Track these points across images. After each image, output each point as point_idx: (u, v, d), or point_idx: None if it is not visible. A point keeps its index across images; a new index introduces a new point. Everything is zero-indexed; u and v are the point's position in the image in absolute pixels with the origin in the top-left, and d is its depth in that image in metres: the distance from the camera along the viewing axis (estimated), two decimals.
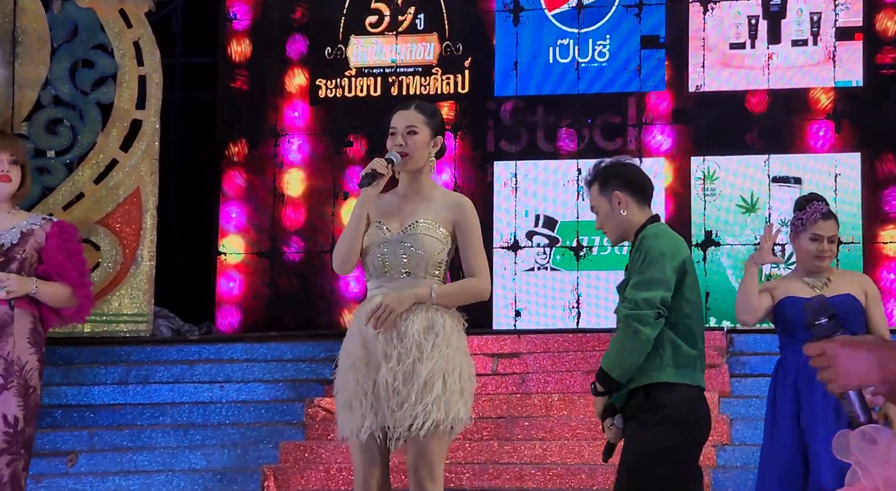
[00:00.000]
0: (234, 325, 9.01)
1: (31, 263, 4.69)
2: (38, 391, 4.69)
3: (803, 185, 8.49)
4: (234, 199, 9.18)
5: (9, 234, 4.70)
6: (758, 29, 8.66)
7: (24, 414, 4.58)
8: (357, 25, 9.15)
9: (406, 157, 4.20)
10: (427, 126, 4.24)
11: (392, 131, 4.23)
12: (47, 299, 4.67)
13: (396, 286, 4.17)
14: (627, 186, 4.27)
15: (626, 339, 4.12)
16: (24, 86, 8.80)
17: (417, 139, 4.21)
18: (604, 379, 4.15)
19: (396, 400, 4.08)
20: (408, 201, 4.25)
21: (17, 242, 4.68)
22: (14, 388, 4.57)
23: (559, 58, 8.90)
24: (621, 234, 4.28)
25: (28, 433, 4.61)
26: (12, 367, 4.59)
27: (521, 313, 8.73)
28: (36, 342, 4.67)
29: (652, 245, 4.18)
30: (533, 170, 8.87)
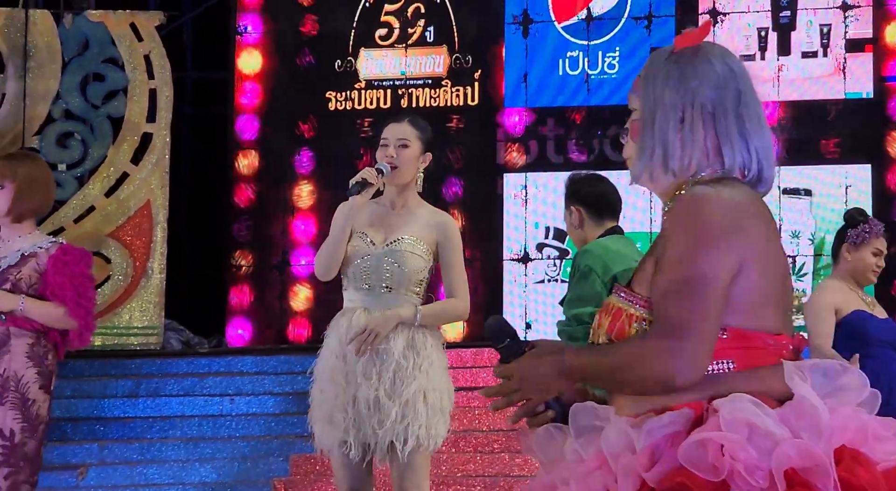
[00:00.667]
0: (244, 337, 9.02)
1: (30, 284, 4.67)
2: (43, 403, 4.66)
3: (813, 197, 8.48)
4: (244, 211, 9.19)
5: (11, 255, 4.71)
6: (767, 41, 8.66)
7: (21, 427, 4.58)
8: (367, 38, 9.17)
9: (395, 170, 4.24)
10: (419, 140, 4.28)
11: (384, 143, 4.28)
12: (38, 317, 4.66)
13: (377, 301, 4.19)
14: (583, 202, 4.39)
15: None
16: (36, 100, 8.83)
17: (408, 153, 4.25)
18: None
19: (378, 417, 4.12)
20: (393, 215, 4.29)
21: (14, 264, 4.68)
22: (9, 402, 4.58)
23: (569, 70, 8.91)
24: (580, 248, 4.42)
25: (29, 446, 4.60)
26: (8, 382, 4.60)
27: (531, 325, 8.72)
28: (35, 355, 4.66)
29: (581, 261, 4.28)
30: (543, 182, 8.87)
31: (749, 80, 2.22)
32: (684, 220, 2.11)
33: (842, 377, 2.11)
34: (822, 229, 8.46)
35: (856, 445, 2.04)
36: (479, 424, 7.24)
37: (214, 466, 7.17)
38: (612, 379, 2.14)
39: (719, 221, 2.09)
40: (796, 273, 8.46)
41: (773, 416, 2.03)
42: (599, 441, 2.11)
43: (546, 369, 2.16)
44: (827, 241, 8.43)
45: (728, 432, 2.01)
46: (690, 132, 2.18)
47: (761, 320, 2.13)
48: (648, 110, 2.20)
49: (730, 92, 2.19)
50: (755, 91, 2.23)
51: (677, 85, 2.18)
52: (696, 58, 2.20)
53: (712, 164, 2.19)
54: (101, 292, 8.64)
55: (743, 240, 2.11)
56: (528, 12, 8.97)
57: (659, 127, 2.19)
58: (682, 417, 2.07)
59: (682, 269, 2.08)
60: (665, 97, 2.18)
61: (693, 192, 2.15)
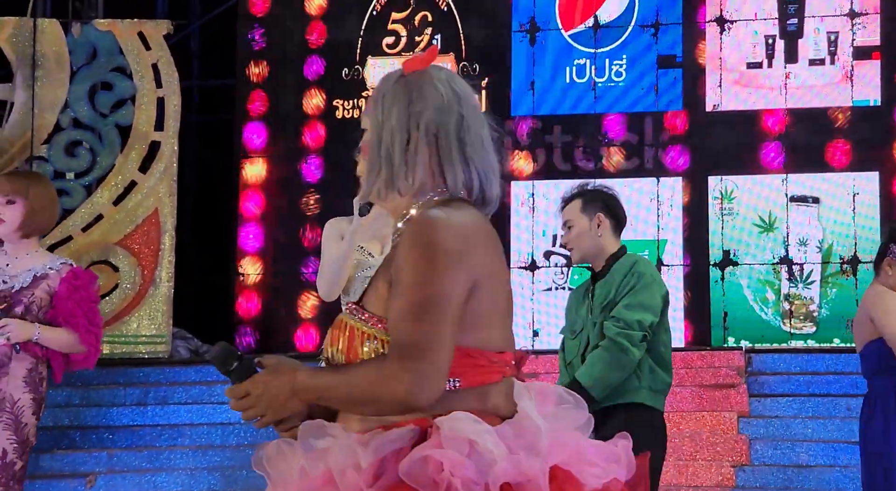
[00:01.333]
0: (252, 345, 9.03)
1: (41, 306, 4.69)
2: (33, 428, 4.71)
3: (821, 204, 8.48)
4: (251, 219, 9.21)
5: (23, 276, 4.71)
6: (775, 48, 8.67)
7: (14, 447, 4.62)
8: (374, 46, 9.18)
9: None
10: None
11: None
12: (51, 344, 4.68)
13: None
14: (609, 212, 4.45)
15: (614, 357, 4.21)
16: (44, 108, 8.85)
17: None
18: (581, 395, 4.18)
19: None
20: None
21: (27, 286, 4.69)
22: (3, 422, 4.62)
23: (576, 78, 8.92)
24: (587, 255, 4.43)
25: (18, 467, 4.65)
26: (3, 403, 4.63)
27: (538, 333, 8.72)
28: (32, 381, 4.69)
29: (645, 270, 4.36)
30: (550, 190, 8.87)
31: (473, 104, 2.33)
32: (418, 244, 2.16)
33: (564, 401, 2.22)
34: (830, 237, 8.45)
35: (569, 466, 2.12)
36: None
37: (223, 473, 7.17)
38: (349, 400, 2.18)
39: (451, 244, 2.15)
40: (804, 281, 8.46)
41: (493, 433, 2.10)
42: (327, 457, 2.15)
43: (279, 388, 2.21)
44: (835, 249, 8.43)
45: (448, 449, 2.07)
46: (415, 153, 2.26)
47: (487, 339, 2.21)
48: (376, 131, 2.30)
49: (453, 116, 2.28)
50: (479, 114, 2.33)
51: (404, 107, 2.27)
52: (422, 81, 2.29)
53: (438, 185, 2.27)
54: (108, 301, 8.65)
55: (473, 261, 2.18)
56: (536, 20, 8.99)
57: (385, 147, 2.27)
58: (407, 433, 2.13)
59: (417, 292, 2.14)
60: (392, 119, 2.27)
61: (424, 215, 2.21)
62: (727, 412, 7.14)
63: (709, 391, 7.31)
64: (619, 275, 4.34)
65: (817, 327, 8.37)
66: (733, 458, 6.85)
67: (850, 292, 8.32)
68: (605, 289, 4.36)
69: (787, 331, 8.37)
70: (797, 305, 8.39)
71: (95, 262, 8.69)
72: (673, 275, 8.61)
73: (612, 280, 4.36)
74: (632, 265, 4.34)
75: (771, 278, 8.47)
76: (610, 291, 4.33)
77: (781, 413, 7.24)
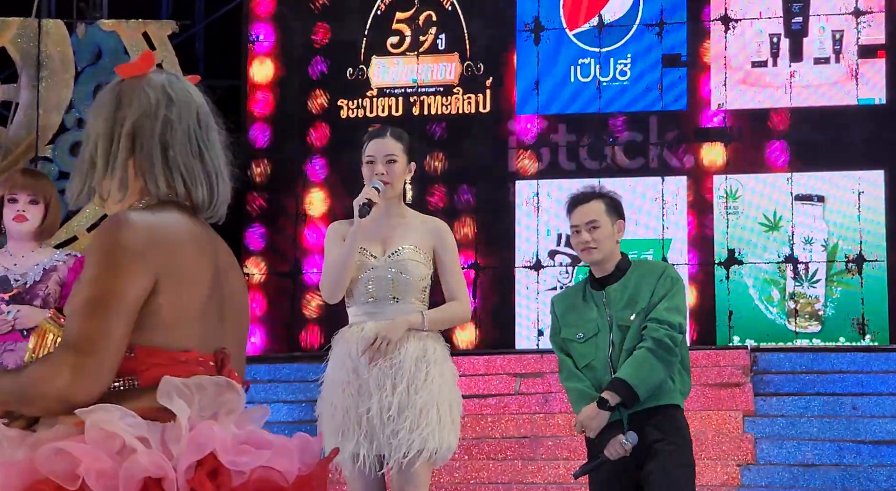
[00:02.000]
0: (256, 345, 9.03)
1: (56, 298, 4.74)
2: None
3: (826, 203, 8.46)
4: (256, 220, 9.21)
5: (33, 271, 4.76)
6: (780, 47, 8.65)
7: None
8: (378, 46, 9.19)
9: (388, 186, 4.27)
10: (404, 154, 4.37)
11: (370, 160, 4.33)
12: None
13: (386, 313, 4.23)
14: (623, 220, 4.49)
15: (659, 358, 4.25)
16: (49, 109, 8.87)
17: (397, 167, 4.34)
18: (627, 394, 4.23)
19: (392, 428, 4.16)
20: (386, 227, 4.32)
21: (39, 280, 4.73)
22: None
23: (580, 77, 8.91)
24: (607, 258, 4.42)
25: None
26: None
27: (543, 333, 8.72)
28: None
29: (677, 276, 4.43)
30: (554, 189, 8.87)
31: (191, 107, 2.35)
32: (99, 243, 2.20)
33: (225, 393, 2.23)
34: (835, 236, 8.44)
35: (218, 456, 2.14)
36: (491, 432, 7.24)
37: None
38: (21, 399, 2.18)
39: (132, 243, 2.18)
40: (809, 279, 8.45)
41: (140, 427, 2.11)
42: None
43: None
44: (840, 248, 8.41)
45: (88, 442, 2.09)
46: (115, 158, 2.30)
47: (173, 338, 2.22)
48: (87, 135, 2.34)
49: (158, 119, 2.31)
50: (197, 117, 2.35)
51: (111, 113, 2.31)
52: (134, 87, 2.33)
53: (143, 189, 2.30)
54: None
55: (156, 261, 2.19)
56: (540, 20, 8.98)
57: (90, 153, 2.32)
58: (64, 430, 2.13)
59: (92, 288, 2.16)
60: (98, 125, 2.32)
61: (114, 216, 2.24)
62: (732, 411, 7.13)
63: (714, 390, 7.30)
64: (651, 278, 4.36)
65: (823, 326, 8.36)
66: (739, 457, 6.84)
67: (855, 291, 8.31)
68: (625, 292, 4.37)
69: (792, 330, 8.36)
70: (802, 303, 8.38)
71: None
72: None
73: (636, 284, 4.36)
74: (663, 270, 4.42)
75: (776, 277, 8.46)
76: (635, 294, 4.34)
77: (787, 412, 7.24)
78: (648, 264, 4.54)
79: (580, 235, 4.39)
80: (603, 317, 4.35)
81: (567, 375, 4.39)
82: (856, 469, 6.69)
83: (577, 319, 4.41)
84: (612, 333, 4.32)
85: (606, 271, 4.40)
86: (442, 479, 6.83)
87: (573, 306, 4.44)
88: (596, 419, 4.25)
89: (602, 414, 4.24)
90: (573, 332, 4.40)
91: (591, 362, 4.33)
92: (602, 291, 4.40)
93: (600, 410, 4.24)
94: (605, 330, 4.33)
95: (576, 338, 4.39)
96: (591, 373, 4.32)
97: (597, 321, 4.36)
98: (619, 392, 4.22)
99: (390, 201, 4.32)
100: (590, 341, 4.35)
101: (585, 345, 4.36)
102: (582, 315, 4.40)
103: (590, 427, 4.27)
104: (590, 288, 4.44)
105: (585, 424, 4.28)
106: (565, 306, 4.47)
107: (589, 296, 4.42)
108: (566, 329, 4.42)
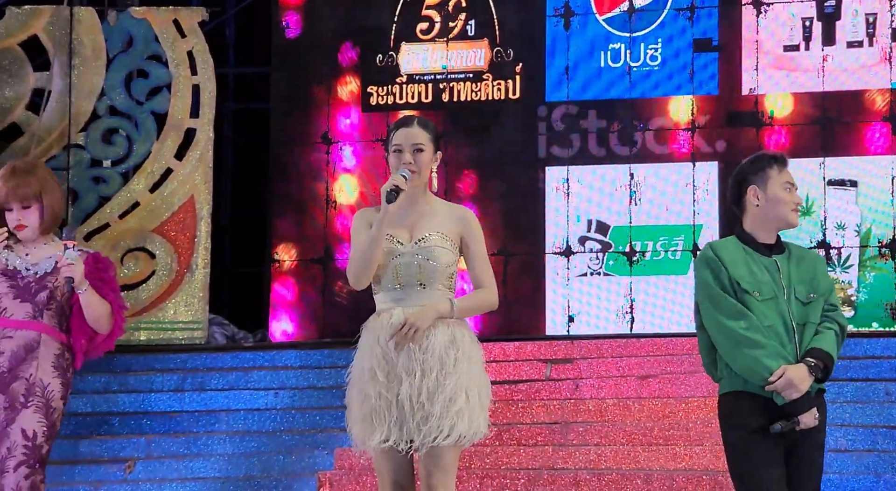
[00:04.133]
0: (287, 332, 9.06)
1: (63, 293, 4.79)
2: (61, 414, 4.79)
3: (859, 187, 8.40)
4: (286, 206, 9.23)
5: (44, 263, 4.82)
6: (812, 31, 8.59)
7: (43, 431, 4.70)
8: (408, 32, 9.18)
9: (415, 175, 4.30)
10: (431, 143, 4.38)
11: (397, 149, 4.34)
12: (90, 307, 4.75)
13: (413, 299, 4.24)
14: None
15: (840, 344, 4.30)
16: (81, 96, 8.91)
17: (424, 156, 4.35)
18: (828, 367, 4.23)
19: (422, 414, 4.17)
20: (413, 214, 4.34)
21: (50, 272, 4.78)
22: (34, 405, 4.70)
23: (611, 62, 8.88)
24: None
25: (45, 450, 4.73)
26: (34, 388, 4.70)
27: (574, 319, 8.71)
28: (60, 367, 4.77)
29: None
30: (585, 175, 8.85)
31: None
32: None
33: None
34: (868, 220, 8.39)
35: None
36: (522, 417, 7.24)
37: (260, 459, 7.21)
38: None
39: None
40: (841, 265, 8.40)
41: None
42: None
43: None
44: (873, 233, 8.35)
45: None
46: None
47: None
48: None
49: None
50: None
51: None
52: None
53: None
54: (145, 288, 8.71)
55: None
56: (570, 5, 8.95)
57: None
58: None
59: None
60: None
61: None
62: None
63: None
64: (822, 265, 4.41)
65: (855, 312, 8.31)
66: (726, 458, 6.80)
67: (888, 276, 8.25)
68: (800, 268, 4.32)
69: None
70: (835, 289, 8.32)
71: (132, 249, 8.76)
72: None
73: (809, 264, 4.35)
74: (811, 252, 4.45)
75: None
76: (812, 274, 4.32)
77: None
78: (806, 249, 4.51)
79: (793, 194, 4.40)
80: (778, 284, 4.25)
81: (751, 327, 4.18)
82: (889, 455, 6.65)
83: (748, 275, 4.26)
84: (791, 304, 4.24)
85: (772, 240, 4.34)
86: (473, 464, 6.84)
87: (741, 260, 4.28)
88: (805, 382, 4.15)
89: (810, 378, 4.16)
90: (749, 286, 4.25)
91: (772, 325, 4.20)
92: (770, 258, 4.30)
93: (809, 374, 4.16)
94: (782, 298, 4.23)
95: (752, 293, 4.24)
96: (774, 335, 4.20)
97: (772, 286, 4.24)
98: (826, 363, 4.20)
99: (416, 189, 4.34)
100: (768, 303, 4.22)
101: (764, 305, 4.22)
102: (754, 274, 4.26)
103: (796, 388, 4.13)
104: (752, 250, 4.31)
105: (795, 383, 4.12)
106: (731, 256, 4.29)
107: (755, 257, 4.30)
108: (742, 281, 4.26)
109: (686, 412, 7.08)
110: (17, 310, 4.74)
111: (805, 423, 4.18)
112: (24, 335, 4.74)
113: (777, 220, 4.35)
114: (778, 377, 4.13)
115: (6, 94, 8.93)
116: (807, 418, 4.18)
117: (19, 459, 4.65)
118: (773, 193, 4.35)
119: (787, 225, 4.37)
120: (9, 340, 4.73)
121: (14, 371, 4.71)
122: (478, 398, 4.23)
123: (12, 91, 8.94)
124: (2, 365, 4.72)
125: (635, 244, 8.70)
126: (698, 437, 6.82)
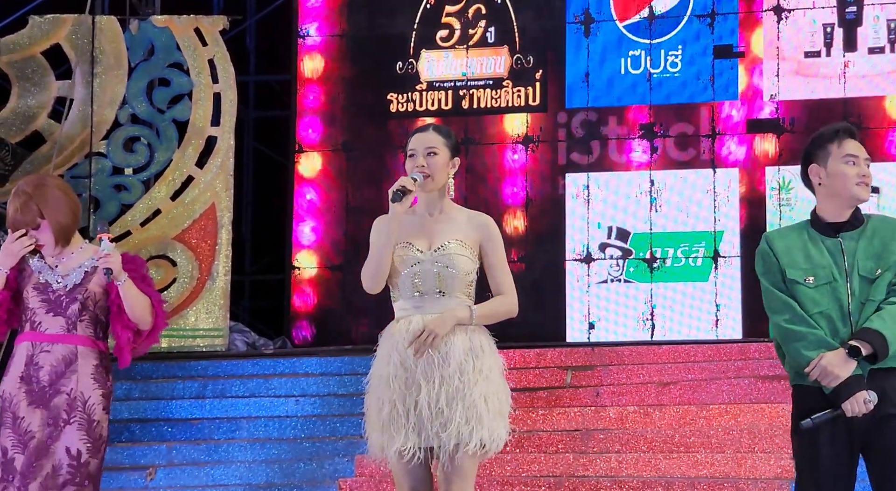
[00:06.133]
0: (308, 339, 9.08)
1: (95, 300, 4.79)
2: (105, 424, 4.79)
3: (881, 194, 8.37)
4: (307, 213, 9.25)
5: (74, 273, 4.82)
6: (833, 37, 8.56)
7: (87, 447, 4.71)
8: (428, 40, 9.19)
9: (427, 178, 4.29)
10: (446, 147, 4.35)
11: (412, 153, 4.35)
12: (130, 299, 4.75)
13: (432, 307, 4.23)
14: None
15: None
16: (103, 104, 8.95)
17: (438, 160, 4.32)
18: (881, 346, 3.95)
19: (441, 420, 4.15)
20: (431, 221, 4.33)
21: (79, 283, 4.79)
22: (77, 422, 4.70)
23: (631, 69, 8.87)
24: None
25: (93, 466, 4.74)
26: (75, 402, 4.71)
27: (594, 326, 8.69)
28: (99, 377, 4.78)
29: None
30: (605, 181, 8.84)
31: None
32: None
33: None
34: None
35: None
36: (543, 425, 7.23)
37: (280, 466, 7.22)
38: None
39: None
40: None
41: None
42: None
43: None
44: None
45: None
46: None
47: None
48: None
49: None
50: None
51: None
52: None
53: None
54: (166, 295, 8.74)
55: None
56: (590, 12, 8.95)
57: None
58: None
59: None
60: None
61: None
62: (785, 404, 7.06)
63: (767, 382, 7.25)
64: (873, 235, 4.11)
65: None
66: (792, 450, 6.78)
67: None
68: (870, 243, 4.08)
69: None
70: None
71: (153, 256, 8.79)
72: (730, 266, 8.54)
73: (883, 237, 4.09)
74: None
75: None
76: (884, 247, 4.06)
77: None
78: (892, 219, 4.18)
79: (858, 166, 4.11)
80: (839, 265, 4.06)
81: (793, 319, 4.04)
82: None
83: (804, 261, 4.10)
84: (852, 283, 4.04)
85: (843, 217, 4.13)
86: (493, 472, 6.84)
87: (797, 247, 4.12)
88: (843, 368, 3.92)
89: (850, 363, 3.93)
90: (800, 274, 4.08)
91: (824, 310, 4.04)
92: (836, 237, 4.11)
93: (849, 358, 3.94)
94: (843, 279, 4.04)
95: (804, 281, 4.07)
96: (825, 322, 4.02)
97: (831, 268, 4.06)
98: (872, 343, 3.94)
99: (432, 195, 4.34)
100: (823, 288, 4.05)
101: (817, 291, 4.05)
102: (811, 259, 4.10)
103: (833, 375, 3.92)
104: (816, 232, 4.15)
105: (830, 370, 3.92)
106: (786, 244, 4.14)
107: (818, 240, 4.12)
108: (791, 270, 4.10)
109: (707, 419, 7.05)
110: (51, 324, 4.76)
111: (851, 410, 3.92)
112: (61, 349, 4.76)
113: (842, 196, 4.10)
114: (813, 366, 3.96)
115: (29, 103, 8.98)
116: (852, 405, 3.92)
117: (65, 477, 4.67)
118: (833, 169, 4.11)
119: (856, 200, 4.09)
120: (47, 354, 4.75)
121: (55, 385, 4.72)
122: (497, 405, 4.22)
123: (35, 99, 8.99)
124: (42, 380, 4.73)
125: (656, 251, 8.69)
126: (719, 444, 6.80)
